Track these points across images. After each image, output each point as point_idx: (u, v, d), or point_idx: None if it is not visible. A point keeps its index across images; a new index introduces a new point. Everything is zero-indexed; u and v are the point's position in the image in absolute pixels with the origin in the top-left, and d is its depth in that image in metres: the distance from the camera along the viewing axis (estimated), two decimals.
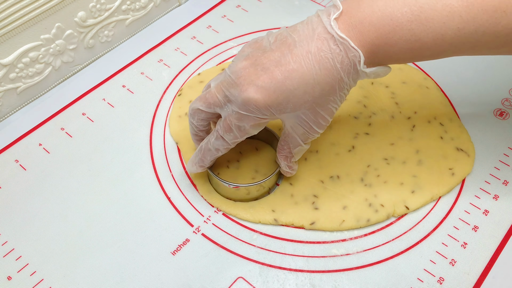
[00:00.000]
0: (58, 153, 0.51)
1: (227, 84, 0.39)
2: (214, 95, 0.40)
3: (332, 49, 0.36)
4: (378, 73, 0.38)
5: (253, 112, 0.39)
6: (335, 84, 0.37)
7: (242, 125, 0.40)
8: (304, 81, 0.37)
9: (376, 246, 0.43)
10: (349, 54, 0.36)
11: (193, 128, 0.44)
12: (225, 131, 0.41)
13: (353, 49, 0.36)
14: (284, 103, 0.38)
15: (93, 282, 0.42)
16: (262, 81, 0.37)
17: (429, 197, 0.46)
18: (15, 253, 0.44)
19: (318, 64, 0.37)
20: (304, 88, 0.37)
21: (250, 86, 0.38)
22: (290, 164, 0.44)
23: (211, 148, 0.42)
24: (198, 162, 0.44)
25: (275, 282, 0.42)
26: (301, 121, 0.40)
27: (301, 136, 0.41)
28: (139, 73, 0.58)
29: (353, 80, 0.38)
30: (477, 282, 0.41)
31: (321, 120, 0.40)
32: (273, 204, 0.46)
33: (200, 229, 0.45)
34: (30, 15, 0.51)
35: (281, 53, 0.38)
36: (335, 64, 0.37)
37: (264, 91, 0.37)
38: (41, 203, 0.47)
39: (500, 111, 0.52)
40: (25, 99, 0.56)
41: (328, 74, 0.37)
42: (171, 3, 0.66)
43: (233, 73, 0.39)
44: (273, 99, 0.38)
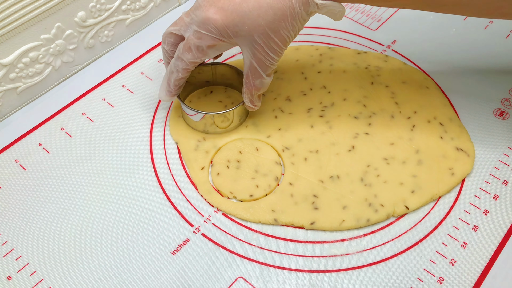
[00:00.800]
0: (58, 153, 0.51)
1: (193, 8, 0.44)
2: (182, 19, 0.45)
3: None
4: (331, 9, 0.42)
5: (211, 32, 0.43)
6: (287, 10, 0.41)
7: (201, 44, 0.44)
8: (258, 5, 0.41)
9: (376, 246, 0.43)
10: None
11: (165, 54, 0.48)
12: (184, 51, 0.45)
13: None
14: (240, 25, 0.42)
15: (93, 282, 0.42)
16: (222, 3, 0.42)
17: (429, 197, 0.46)
18: (15, 253, 0.44)
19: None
20: (257, 11, 0.41)
21: (211, 7, 0.42)
22: (253, 98, 0.48)
23: (173, 69, 0.47)
24: (165, 87, 0.48)
25: (275, 282, 0.42)
26: (257, 46, 0.43)
27: (260, 65, 0.45)
28: (139, 73, 0.58)
29: (304, 11, 0.41)
30: (477, 282, 0.41)
31: (274, 45, 0.43)
32: (273, 204, 0.46)
33: (200, 229, 0.45)
34: (30, 15, 0.51)
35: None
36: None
37: (222, 11, 0.42)
38: (41, 203, 0.47)
39: (500, 111, 0.52)
40: (25, 99, 0.56)
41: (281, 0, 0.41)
42: (171, 3, 0.66)
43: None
44: (230, 19, 0.42)
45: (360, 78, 0.55)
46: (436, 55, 0.58)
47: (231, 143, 0.50)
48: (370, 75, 0.55)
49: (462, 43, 0.59)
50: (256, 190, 0.47)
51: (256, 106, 0.49)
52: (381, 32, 0.61)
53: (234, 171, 0.48)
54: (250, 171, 0.48)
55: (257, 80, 0.46)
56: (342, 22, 0.62)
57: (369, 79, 0.55)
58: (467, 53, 0.58)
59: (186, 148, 0.50)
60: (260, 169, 0.48)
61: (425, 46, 0.59)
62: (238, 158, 0.49)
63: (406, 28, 0.61)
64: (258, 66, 0.45)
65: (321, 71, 0.56)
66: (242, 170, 0.48)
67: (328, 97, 0.53)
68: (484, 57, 0.57)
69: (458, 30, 0.61)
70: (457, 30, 0.61)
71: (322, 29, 0.62)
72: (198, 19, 0.43)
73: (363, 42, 0.60)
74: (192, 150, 0.50)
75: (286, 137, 0.50)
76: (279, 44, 0.43)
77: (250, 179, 0.47)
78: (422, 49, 0.59)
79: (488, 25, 0.61)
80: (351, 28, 0.62)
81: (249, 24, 0.42)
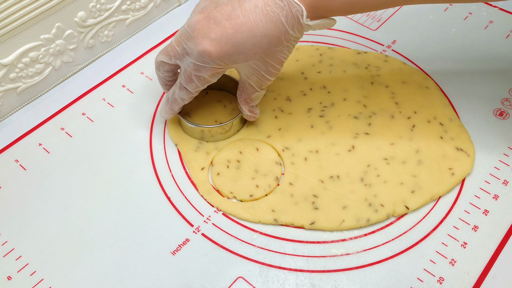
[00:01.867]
0: (58, 153, 0.51)
1: (184, 37, 0.43)
2: (174, 48, 0.44)
3: (277, 4, 0.40)
4: (323, 25, 0.42)
5: (208, 63, 0.42)
6: (281, 36, 0.41)
7: (201, 75, 0.43)
8: (253, 34, 0.40)
9: (376, 246, 0.43)
10: (292, 9, 0.40)
11: (160, 79, 0.48)
12: (186, 82, 0.44)
13: (296, 4, 0.40)
14: (236, 55, 0.41)
15: (93, 282, 0.42)
16: (215, 34, 0.41)
17: (429, 197, 0.46)
18: (15, 253, 0.44)
19: (265, 18, 0.40)
20: (252, 41, 0.41)
21: (204, 39, 0.41)
22: (251, 108, 0.48)
23: (177, 98, 0.46)
24: (168, 111, 0.49)
25: (275, 282, 0.42)
26: (253, 70, 0.44)
27: (256, 83, 0.45)
28: (139, 73, 0.58)
29: (298, 32, 0.41)
30: (477, 282, 0.41)
31: (271, 68, 0.43)
32: (273, 204, 0.46)
33: (200, 229, 0.45)
34: (30, 15, 0.51)
35: (232, 7, 0.41)
36: (280, 18, 0.40)
37: (216, 43, 0.41)
38: (41, 203, 0.47)
39: (500, 111, 0.52)
40: (25, 99, 0.56)
41: (274, 27, 0.40)
42: (171, 3, 0.66)
43: (189, 26, 0.42)
44: (225, 51, 0.41)
45: (360, 78, 0.55)
46: (436, 55, 0.58)
47: (231, 143, 0.50)
48: (370, 75, 0.55)
49: (462, 43, 0.59)
50: (256, 190, 0.47)
51: (256, 115, 0.49)
52: (381, 32, 0.61)
53: (234, 171, 0.48)
54: (250, 171, 0.48)
55: (253, 94, 0.46)
56: (342, 22, 0.62)
57: (369, 79, 0.55)
58: (467, 53, 0.58)
59: (186, 149, 0.50)
60: (260, 169, 0.48)
61: (425, 46, 0.59)
62: (238, 158, 0.49)
63: (406, 28, 0.62)
64: (255, 85, 0.45)
65: (321, 71, 0.56)
66: (242, 170, 0.48)
67: (328, 97, 0.53)
68: (484, 57, 0.57)
69: (458, 30, 0.61)
70: (457, 30, 0.61)
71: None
72: (192, 52, 0.42)
73: (363, 42, 0.60)
74: (193, 151, 0.50)
75: (286, 137, 0.50)
76: (275, 66, 0.43)
77: (250, 179, 0.47)
78: (422, 49, 0.59)
79: (488, 25, 0.61)
80: (351, 28, 0.62)
81: (245, 53, 0.41)
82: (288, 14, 0.40)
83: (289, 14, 0.40)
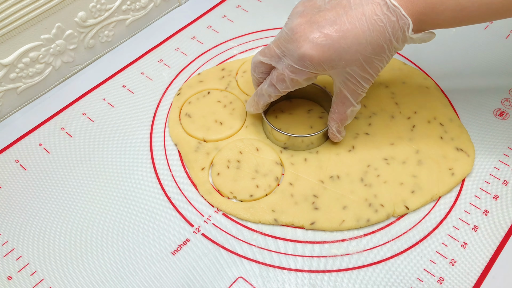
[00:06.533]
0: (58, 153, 0.51)
1: (284, 40, 0.43)
2: (272, 50, 0.44)
3: (385, 14, 0.39)
4: (424, 38, 0.42)
5: (307, 67, 0.42)
6: (385, 45, 0.41)
7: (296, 78, 0.43)
8: (357, 41, 0.40)
9: (376, 246, 0.43)
10: (400, 21, 0.40)
11: (254, 80, 0.48)
12: (278, 81, 0.45)
13: (403, 17, 0.39)
14: (337, 60, 0.41)
15: (93, 282, 0.42)
16: (318, 39, 0.41)
17: (429, 197, 0.46)
18: (15, 253, 0.44)
19: (372, 27, 0.40)
20: (356, 47, 0.40)
21: (306, 43, 0.41)
22: (340, 128, 0.47)
23: (264, 93, 0.47)
24: (254, 105, 0.49)
25: (275, 282, 0.42)
26: (350, 76, 0.43)
27: (352, 94, 0.44)
28: (139, 73, 0.58)
29: (401, 43, 0.41)
30: (477, 282, 0.41)
31: (368, 76, 0.43)
32: (273, 204, 0.46)
33: (200, 229, 0.45)
34: (30, 15, 0.51)
35: (336, 13, 0.41)
36: (386, 28, 0.40)
37: (319, 48, 0.41)
38: (41, 203, 0.47)
39: (500, 111, 0.52)
40: (25, 99, 0.56)
41: (380, 36, 0.40)
42: (171, 3, 0.66)
43: (289, 29, 0.42)
44: (327, 56, 0.41)
45: None
46: (436, 55, 0.58)
47: (231, 143, 0.50)
48: None
49: (462, 43, 0.59)
50: (256, 190, 0.47)
51: (342, 136, 0.48)
52: None
53: (234, 171, 0.48)
54: (250, 171, 0.48)
55: (348, 109, 0.46)
56: None
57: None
58: (467, 53, 0.58)
59: (187, 149, 0.50)
60: (260, 169, 0.48)
61: (426, 46, 0.59)
62: (238, 158, 0.49)
63: None
64: (350, 95, 0.44)
65: None
66: (242, 170, 0.48)
67: None
68: (484, 57, 0.57)
69: (458, 30, 0.61)
70: (457, 30, 0.61)
71: None
72: (292, 54, 0.42)
73: None
74: (193, 151, 0.50)
75: None
76: (372, 74, 0.43)
77: (250, 179, 0.47)
78: (422, 49, 0.59)
79: (488, 25, 0.61)
80: None
81: (346, 59, 0.41)
82: (395, 26, 0.40)
83: (396, 26, 0.40)
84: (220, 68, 0.57)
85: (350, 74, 0.43)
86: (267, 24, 0.63)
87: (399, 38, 0.40)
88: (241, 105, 0.53)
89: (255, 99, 0.49)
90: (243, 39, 0.61)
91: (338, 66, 0.42)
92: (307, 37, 0.41)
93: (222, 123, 0.52)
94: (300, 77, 0.43)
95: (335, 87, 0.45)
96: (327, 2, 0.42)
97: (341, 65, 0.42)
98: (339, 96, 0.45)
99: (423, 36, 0.42)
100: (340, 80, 0.44)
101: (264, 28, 0.62)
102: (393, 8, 0.39)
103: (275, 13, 0.64)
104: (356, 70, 0.42)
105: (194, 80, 0.56)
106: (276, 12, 0.64)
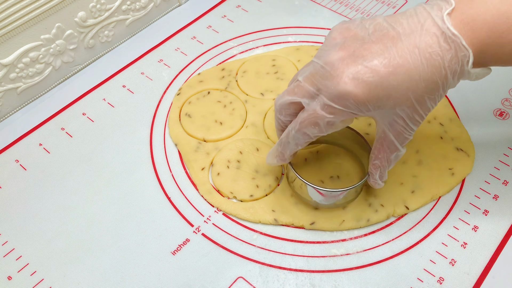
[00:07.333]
0: (58, 153, 0.51)
1: (320, 76, 0.36)
2: (304, 87, 0.38)
3: (442, 46, 0.34)
4: (481, 74, 0.37)
5: (348, 107, 0.36)
6: (440, 82, 0.35)
7: (333, 120, 0.37)
8: (409, 77, 0.35)
9: (376, 246, 0.43)
10: (459, 53, 0.34)
11: (279, 123, 0.42)
12: (308, 125, 0.38)
13: (464, 48, 0.34)
14: (385, 99, 0.35)
15: (93, 282, 0.42)
16: (363, 75, 0.35)
17: (429, 197, 0.46)
18: (15, 253, 0.44)
19: (426, 61, 0.34)
20: (408, 85, 0.35)
21: (350, 79, 0.35)
22: (384, 174, 0.42)
23: (290, 141, 0.40)
24: (278, 156, 0.43)
25: (275, 282, 0.42)
26: (398, 118, 0.37)
27: (397, 137, 0.39)
28: (139, 73, 0.58)
29: (457, 79, 0.36)
30: (477, 282, 0.41)
31: (418, 117, 0.37)
32: (273, 204, 0.46)
33: (200, 229, 0.45)
34: (30, 15, 0.51)
35: (383, 46, 0.35)
36: (443, 62, 0.35)
37: (365, 85, 0.35)
38: (41, 203, 0.47)
39: (500, 111, 0.52)
40: (25, 99, 0.56)
41: (435, 72, 0.35)
42: (171, 3, 0.66)
43: (327, 64, 0.36)
44: (374, 94, 0.35)
45: None
46: None
47: (231, 143, 0.50)
48: None
49: None
50: (256, 190, 0.47)
51: (384, 183, 0.43)
52: None
53: (234, 171, 0.48)
54: (250, 171, 0.48)
55: (392, 154, 0.40)
56: None
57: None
58: None
59: (187, 149, 0.50)
60: (261, 169, 0.48)
61: None
62: (238, 158, 0.49)
63: None
64: (396, 139, 0.39)
65: None
66: (242, 170, 0.48)
67: None
68: None
69: None
70: None
71: (322, 29, 0.62)
72: (331, 92, 0.36)
73: None
74: (193, 151, 0.50)
75: None
76: (422, 115, 0.37)
77: (250, 179, 0.47)
78: None
79: None
80: None
81: (395, 97, 0.35)
82: (453, 59, 0.34)
83: (454, 59, 0.34)
84: (220, 68, 0.57)
85: (397, 115, 0.37)
86: (267, 24, 0.63)
87: (455, 73, 0.35)
88: (241, 105, 0.53)
89: (279, 148, 0.42)
90: (243, 39, 0.61)
91: (385, 106, 0.36)
92: (350, 72, 0.35)
93: (222, 123, 0.52)
94: (339, 118, 0.37)
95: (378, 129, 0.39)
96: (371, 33, 0.36)
97: (389, 105, 0.36)
98: (383, 140, 0.39)
99: (481, 72, 0.36)
100: (385, 122, 0.38)
101: (264, 28, 0.62)
102: (452, 38, 0.34)
103: (275, 13, 0.64)
104: (405, 110, 0.36)
105: (194, 80, 0.56)
106: (276, 12, 0.64)
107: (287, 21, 0.63)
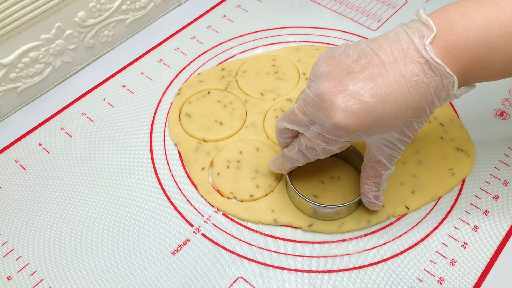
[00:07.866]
0: (58, 153, 0.51)
1: (312, 108, 0.38)
2: (298, 117, 0.39)
3: (427, 74, 0.35)
4: (465, 92, 0.38)
5: (341, 137, 0.38)
6: (427, 107, 0.37)
7: (328, 148, 0.39)
8: (397, 106, 0.36)
9: (376, 246, 0.43)
10: (444, 80, 0.35)
11: (281, 143, 0.44)
12: (308, 149, 0.40)
13: (448, 75, 0.35)
14: (375, 127, 0.37)
15: (93, 282, 0.42)
16: (352, 106, 0.36)
17: (429, 197, 0.46)
18: (15, 253, 0.44)
19: (413, 89, 0.35)
20: (396, 113, 0.36)
21: (338, 112, 0.36)
22: (377, 194, 0.43)
23: (292, 157, 0.42)
24: (278, 166, 0.45)
25: (275, 282, 0.42)
26: (388, 142, 0.39)
27: (387, 158, 0.40)
28: (139, 73, 0.58)
29: (443, 102, 0.37)
30: (477, 282, 0.41)
31: (406, 138, 0.39)
32: (273, 204, 0.46)
33: (200, 229, 0.45)
34: (30, 15, 0.51)
35: (369, 75, 0.36)
36: (429, 88, 0.36)
37: (354, 116, 0.36)
38: (41, 203, 0.47)
39: (500, 111, 0.52)
40: (25, 99, 0.56)
41: (422, 98, 0.36)
42: (171, 3, 0.66)
43: (316, 96, 0.37)
44: (364, 124, 0.36)
45: None
46: None
47: (231, 143, 0.50)
48: None
49: None
50: (256, 190, 0.47)
51: (381, 202, 0.43)
52: (381, 32, 0.61)
53: (234, 171, 0.48)
54: (250, 171, 0.48)
55: (385, 173, 0.42)
56: (342, 22, 0.62)
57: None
58: None
59: (187, 149, 0.50)
60: (260, 169, 0.48)
61: None
62: (238, 158, 0.49)
63: None
64: (385, 159, 0.40)
65: None
66: (242, 170, 0.48)
67: None
68: None
69: None
70: None
71: (322, 29, 0.62)
72: (324, 124, 0.37)
73: None
74: (193, 151, 0.50)
75: None
76: (410, 136, 0.39)
77: (250, 179, 0.47)
78: None
79: None
80: (351, 28, 0.62)
81: (384, 125, 0.37)
82: (439, 85, 0.35)
83: (439, 85, 0.35)
84: (220, 68, 0.57)
85: (386, 139, 0.39)
86: (267, 24, 0.63)
87: (442, 97, 0.36)
88: (241, 105, 0.53)
89: (280, 159, 0.44)
90: (243, 39, 0.61)
91: (376, 133, 0.37)
92: (339, 105, 0.36)
93: (222, 123, 0.52)
94: (333, 146, 0.39)
95: (368, 152, 0.41)
96: (355, 60, 0.37)
97: (380, 131, 0.37)
98: (373, 161, 0.41)
99: (465, 91, 0.38)
100: (375, 145, 0.40)
101: (264, 28, 0.62)
102: (436, 66, 0.35)
103: (275, 13, 0.64)
104: (394, 135, 0.38)
105: (194, 80, 0.56)
106: (276, 12, 0.64)
107: (287, 21, 0.63)
